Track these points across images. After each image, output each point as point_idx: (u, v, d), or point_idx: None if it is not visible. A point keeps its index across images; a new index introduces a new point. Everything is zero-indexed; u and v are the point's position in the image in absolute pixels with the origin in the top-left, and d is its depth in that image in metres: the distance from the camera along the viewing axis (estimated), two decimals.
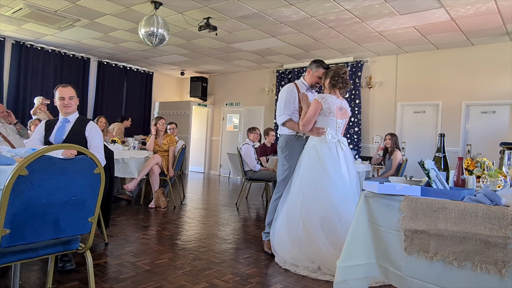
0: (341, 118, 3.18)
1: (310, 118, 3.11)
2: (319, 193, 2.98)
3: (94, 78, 9.32)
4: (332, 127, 3.11)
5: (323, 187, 2.98)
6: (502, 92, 6.35)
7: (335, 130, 3.13)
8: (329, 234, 2.88)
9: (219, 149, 10.62)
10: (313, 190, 3.01)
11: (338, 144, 3.10)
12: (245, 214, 5.23)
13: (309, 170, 3.09)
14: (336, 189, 2.97)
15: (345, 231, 2.80)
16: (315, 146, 3.12)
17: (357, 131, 7.83)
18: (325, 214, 2.92)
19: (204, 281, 2.60)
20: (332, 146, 3.08)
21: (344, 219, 2.87)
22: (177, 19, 5.96)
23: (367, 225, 1.95)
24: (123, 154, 4.99)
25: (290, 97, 3.33)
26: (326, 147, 3.07)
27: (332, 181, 2.99)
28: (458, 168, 2.01)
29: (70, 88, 3.05)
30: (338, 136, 3.13)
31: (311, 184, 3.04)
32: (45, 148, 1.60)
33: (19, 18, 6.26)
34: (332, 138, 3.08)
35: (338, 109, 3.14)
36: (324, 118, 3.12)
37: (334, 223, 2.89)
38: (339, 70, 3.17)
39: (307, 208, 2.99)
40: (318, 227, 2.91)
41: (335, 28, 6.06)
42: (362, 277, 1.95)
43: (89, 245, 1.85)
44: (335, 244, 2.82)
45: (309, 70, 3.41)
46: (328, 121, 3.12)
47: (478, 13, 5.14)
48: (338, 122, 3.15)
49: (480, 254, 1.53)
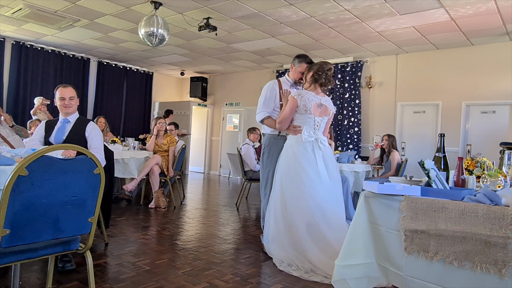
0: (321, 116, 3.06)
1: (286, 116, 3.02)
2: (301, 195, 2.89)
3: (94, 78, 9.32)
4: (310, 125, 3.01)
5: (304, 188, 2.89)
6: (502, 92, 6.35)
7: (313, 129, 3.01)
8: (316, 238, 2.82)
9: (219, 149, 10.63)
10: (294, 192, 2.93)
11: (315, 143, 3.00)
12: (245, 214, 5.23)
13: (287, 171, 3.00)
14: (317, 189, 2.88)
15: (331, 231, 2.79)
16: (292, 146, 3.03)
17: (357, 131, 7.83)
18: (309, 216, 2.85)
19: (204, 281, 2.60)
20: (308, 145, 2.98)
21: (328, 220, 2.83)
22: (177, 19, 5.96)
23: (367, 225, 1.95)
24: (123, 154, 4.99)
25: (271, 94, 3.28)
26: (301, 147, 2.97)
27: (312, 181, 2.89)
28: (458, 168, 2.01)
29: (71, 88, 3.06)
30: (316, 134, 3.02)
31: (292, 186, 2.95)
32: (45, 148, 1.60)
33: (19, 18, 6.26)
34: (308, 137, 2.97)
35: (317, 106, 3.02)
36: (300, 116, 3.02)
37: (318, 226, 2.82)
38: (325, 65, 3.05)
39: (291, 211, 2.92)
40: (303, 230, 2.85)
41: (335, 28, 6.06)
42: (361, 277, 1.95)
43: (89, 245, 1.85)
44: (324, 248, 2.78)
45: (292, 65, 3.34)
46: (305, 119, 3.01)
47: (478, 13, 5.14)
48: (316, 120, 3.03)
49: (480, 254, 1.53)
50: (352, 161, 5.67)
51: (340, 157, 5.50)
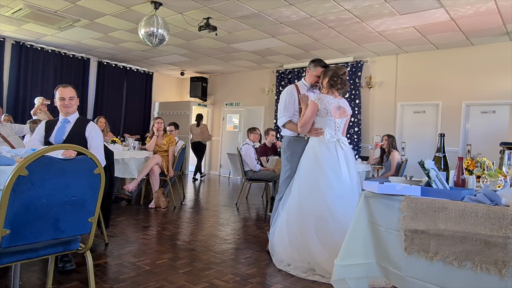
0: (340, 118, 3.17)
1: (307, 120, 3.13)
2: (314, 193, 2.98)
3: (94, 78, 9.32)
4: (331, 127, 3.11)
5: (318, 187, 2.97)
6: (502, 92, 6.35)
7: (334, 130, 3.12)
8: (322, 235, 2.88)
9: (219, 149, 10.62)
10: (309, 190, 3.02)
11: (337, 144, 3.10)
12: (245, 214, 5.23)
13: (306, 171, 3.10)
14: (332, 189, 2.95)
15: (338, 231, 2.82)
16: (314, 147, 3.13)
17: (357, 131, 7.83)
18: (319, 214, 2.91)
19: (204, 281, 2.60)
20: (331, 146, 3.08)
21: (338, 220, 2.86)
22: (177, 19, 5.96)
23: (367, 225, 1.95)
24: (123, 154, 4.99)
25: (290, 99, 3.40)
26: (324, 147, 3.07)
27: (328, 181, 2.97)
28: (458, 168, 2.01)
29: (71, 88, 3.05)
30: (337, 135, 3.13)
31: (308, 185, 3.04)
32: (45, 148, 1.60)
33: (19, 18, 6.26)
34: (330, 138, 3.07)
35: (336, 109, 3.14)
36: (321, 119, 3.13)
37: (327, 223, 2.88)
38: (339, 70, 3.16)
39: (303, 208, 3.00)
40: (311, 228, 2.91)
41: (335, 28, 6.06)
42: (361, 277, 1.95)
43: (89, 245, 1.85)
44: (327, 245, 2.82)
45: (308, 69, 3.46)
46: (326, 121, 3.12)
47: (478, 13, 5.14)
48: (336, 121, 3.14)
49: (480, 254, 1.53)
50: None
51: None
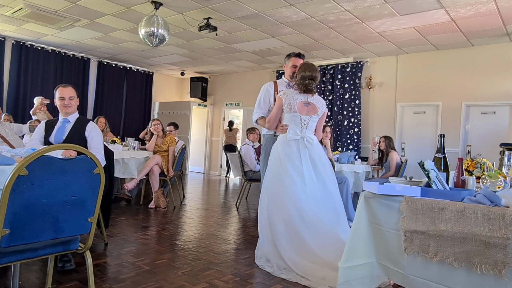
0: (308, 115, 3.05)
1: (272, 115, 3.10)
2: (281, 194, 2.90)
3: (94, 78, 9.32)
4: (296, 124, 3.01)
5: (283, 187, 2.89)
6: (502, 92, 6.35)
7: (299, 127, 3.01)
8: (293, 239, 2.82)
9: (219, 150, 10.62)
10: (275, 190, 2.94)
11: (301, 142, 2.98)
12: (245, 215, 5.23)
13: (270, 169, 3.03)
14: (297, 189, 2.86)
15: (310, 233, 2.77)
16: (276, 145, 3.07)
17: (357, 132, 7.83)
18: (287, 216, 2.84)
19: (204, 282, 2.60)
20: (293, 144, 2.98)
21: (309, 222, 2.81)
22: (177, 20, 5.97)
23: (367, 225, 1.96)
24: (123, 154, 4.99)
25: (265, 96, 3.46)
26: (286, 145, 2.99)
27: (292, 180, 2.88)
28: (458, 168, 2.01)
29: (70, 88, 3.05)
30: (303, 133, 3.01)
31: (273, 184, 2.97)
32: (45, 148, 1.59)
33: (19, 18, 6.26)
34: (293, 135, 2.98)
35: (303, 105, 3.03)
36: (287, 115, 3.04)
37: (297, 225, 2.81)
38: (305, 73, 3.03)
39: (271, 209, 2.94)
40: (281, 229, 2.86)
41: (335, 28, 6.06)
42: (365, 277, 1.95)
43: (88, 245, 1.85)
44: (299, 248, 2.78)
45: (284, 65, 3.55)
46: (291, 118, 3.03)
47: (478, 14, 5.15)
48: (303, 118, 3.02)
49: (480, 254, 1.53)
50: (352, 162, 5.67)
51: (340, 157, 5.50)
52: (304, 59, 3.47)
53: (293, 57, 3.44)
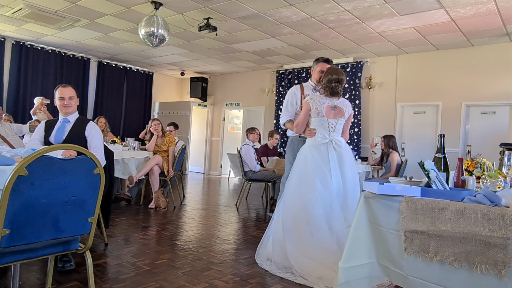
0: (335, 118, 3.10)
1: (300, 120, 3.15)
2: (297, 196, 2.97)
3: (94, 78, 9.32)
4: (324, 128, 3.06)
5: (302, 189, 2.96)
6: (502, 92, 6.35)
7: (327, 131, 3.06)
8: (299, 238, 2.87)
9: (219, 150, 10.62)
10: (294, 193, 3.00)
11: (329, 145, 3.04)
12: (245, 215, 5.23)
13: (296, 173, 3.08)
14: (313, 192, 2.91)
15: (314, 235, 2.82)
16: (304, 148, 3.12)
17: (357, 132, 7.83)
18: (297, 216, 2.91)
19: (204, 282, 2.60)
20: (322, 148, 3.03)
21: (316, 223, 2.84)
22: (177, 20, 5.97)
23: (367, 225, 1.96)
24: (123, 154, 4.99)
25: (292, 99, 3.49)
26: (314, 149, 3.03)
27: (311, 184, 2.93)
28: (458, 168, 2.01)
29: (70, 88, 3.05)
30: (331, 136, 3.06)
31: (294, 187, 3.03)
32: (45, 148, 1.59)
33: (19, 18, 6.26)
34: (322, 139, 3.03)
35: (330, 109, 3.08)
36: (315, 119, 3.09)
37: (303, 225, 2.87)
38: (331, 76, 3.09)
39: (286, 210, 3.00)
40: (290, 230, 2.91)
41: (335, 28, 6.06)
42: (365, 277, 1.95)
43: (88, 245, 1.84)
44: (303, 248, 2.82)
45: (312, 69, 3.59)
46: (319, 122, 3.08)
47: (478, 14, 5.15)
48: (330, 122, 3.07)
49: (480, 255, 1.53)
50: None
51: None
52: (332, 64, 3.51)
53: (321, 62, 3.46)
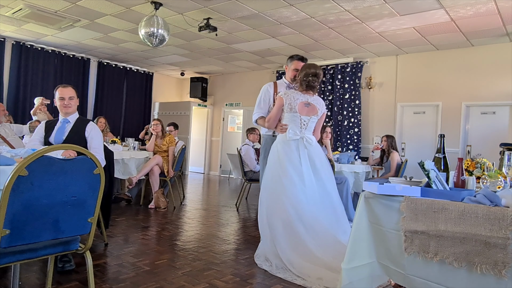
0: (308, 115, 3.06)
1: (272, 114, 3.10)
2: (279, 193, 2.91)
3: (94, 79, 9.32)
4: (296, 124, 3.02)
5: (282, 187, 2.90)
6: (502, 93, 6.35)
7: (299, 127, 3.02)
8: (291, 239, 2.84)
9: (219, 150, 10.62)
10: (274, 189, 2.95)
11: (300, 142, 3.00)
12: (245, 215, 5.23)
13: (270, 169, 3.04)
14: (296, 189, 2.87)
15: (308, 233, 2.79)
16: (275, 144, 3.08)
17: (357, 132, 7.83)
18: (285, 218, 2.85)
19: (204, 282, 2.60)
20: (293, 144, 2.99)
21: (307, 222, 2.82)
22: (177, 20, 5.97)
23: (367, 225, 1.96)
24: (123, 154, 4.99)
25: (265, 96, 3.48)
26: (286, 145, 2.99)
27: (291, 180, 2.89)
28: (458, 169, 2.01)
29: (70, 88, 3.06)
30: (302, 133, 3.02)
31: (272, 183, 2.98)
32: (45, 148, 1.60)
33: (19, 18, 6.26)
34: (293, 135, 2.99)
35: (303, 105, 3.04)
36: (288, 115, 3.05)
37: (295, 225, 2.82)
38: (309, 69, 3.06)
39: (270, 208, 2.96)
40: (279, 228, 2.87)
41: (335, 28, 6.06)
42: (366, 277, 1.95)
43: (88, 246, 1.84)
44: (297, 248, 2.79)
45: (286, 66, 3.53)
46: (291, 118, 3.03)
47: (478, 14, 5.15)
48: (302, 119, 3.03)
49: (480, 255, 1.53)
50: (352, 162, 5.67)
51: (340, 157, 5.50)
52: (306, 62, 3.48)
53: (295, 60, 3.41)
